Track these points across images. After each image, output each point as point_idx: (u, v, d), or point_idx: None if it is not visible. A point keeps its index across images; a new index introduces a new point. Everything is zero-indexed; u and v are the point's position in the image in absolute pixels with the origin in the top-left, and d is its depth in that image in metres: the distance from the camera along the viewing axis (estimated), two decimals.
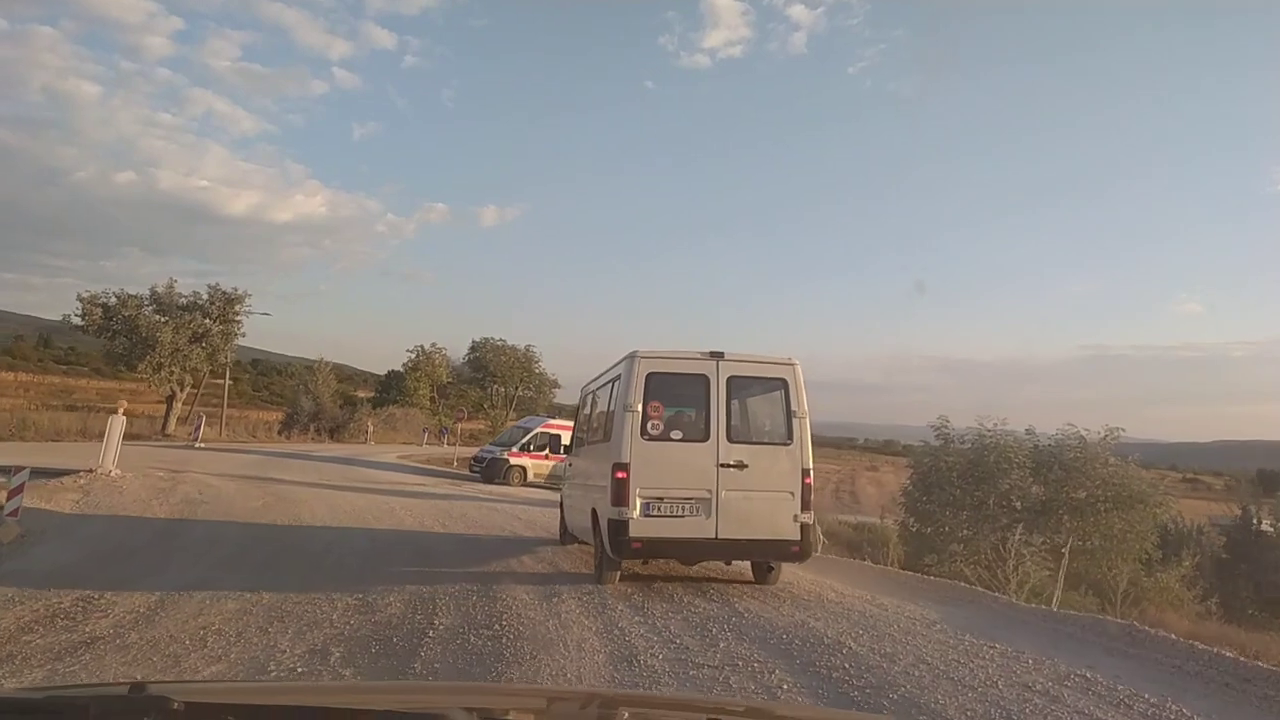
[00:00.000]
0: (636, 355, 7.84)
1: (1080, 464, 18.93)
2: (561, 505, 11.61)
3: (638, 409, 7.65)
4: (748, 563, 8.54)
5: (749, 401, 8.42)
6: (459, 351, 59.24)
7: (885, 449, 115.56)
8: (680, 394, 8.04)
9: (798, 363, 8.08)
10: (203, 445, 28.96)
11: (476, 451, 28.11)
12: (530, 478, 24.90)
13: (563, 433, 23.49)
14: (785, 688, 4.93)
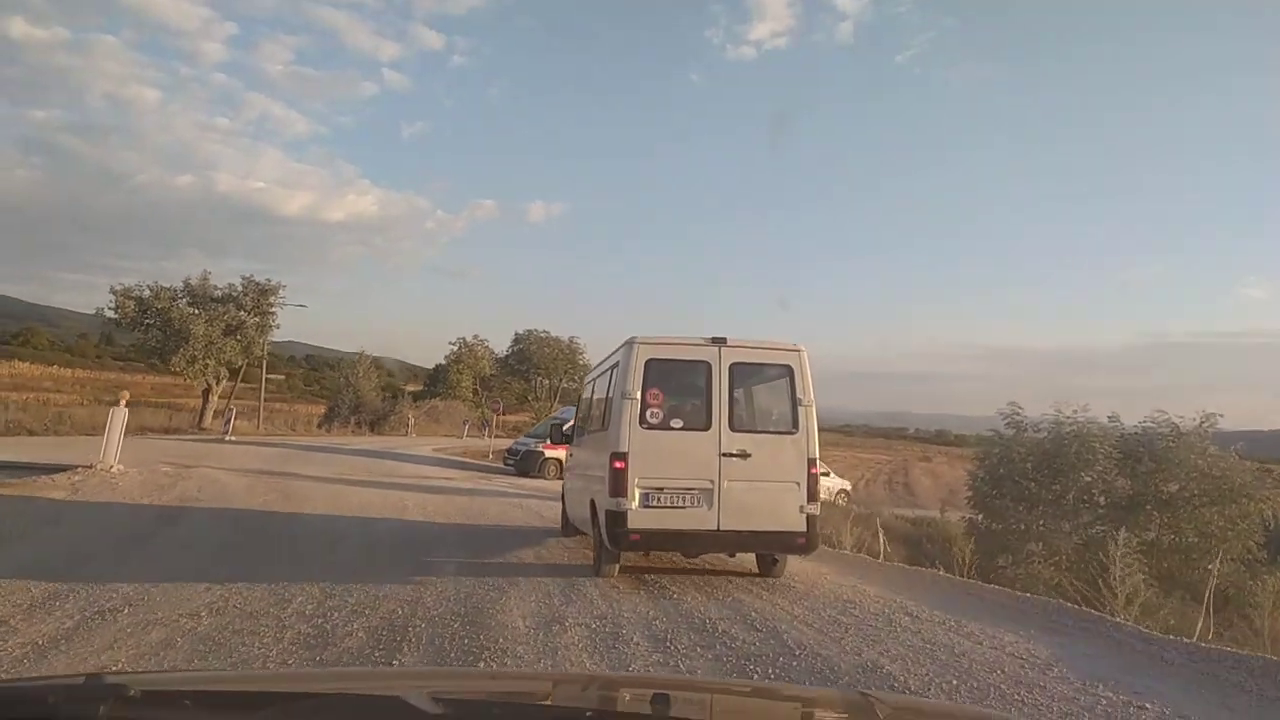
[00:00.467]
0: (635, 341, 7.59)
1: (1173, 454, 16.89)
2: (564, 496, 11.26)
3: (636, 396, 7.41)
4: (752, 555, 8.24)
5: (753, 389, 8.18)
6: (504, 343, 58.80)
7: (937, 439, 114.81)
8: (681, 381, 7.81)
9: (803, 349, 7.81)
10: (233, 439, 28.28)
11: (511, 444, 26.82)
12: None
13: None
14: None
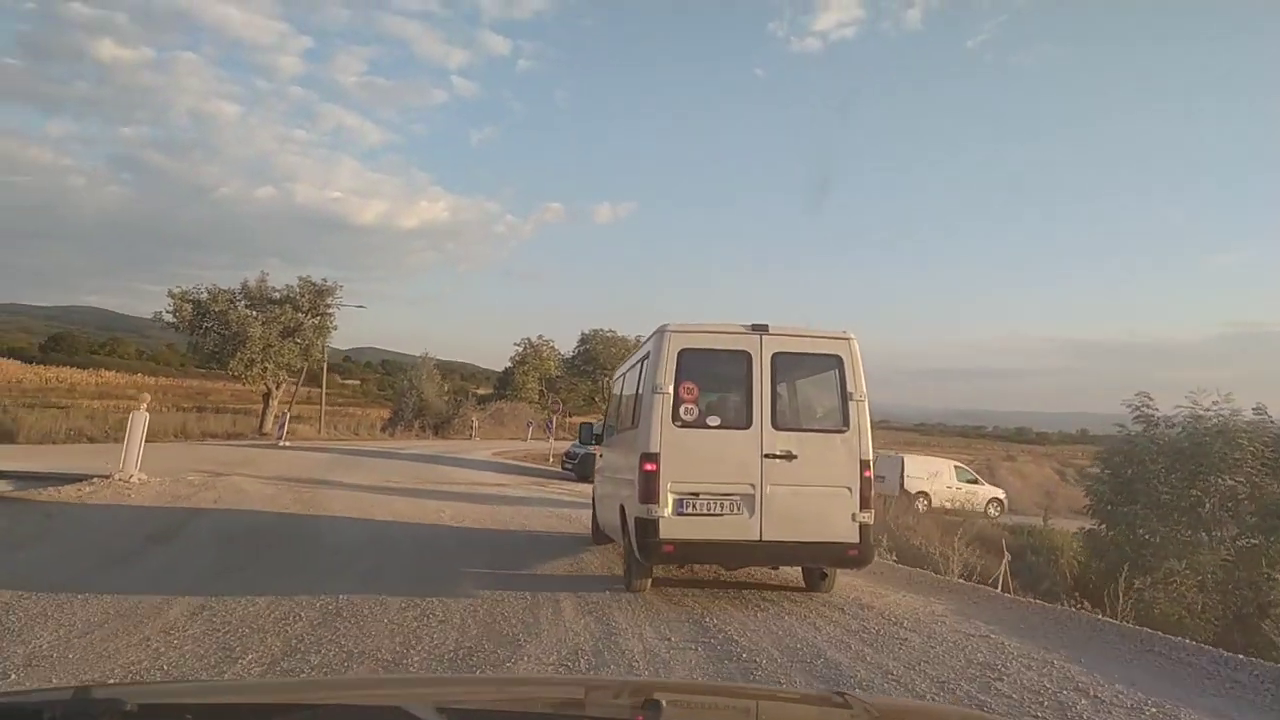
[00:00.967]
0: (666, 329, 6.91)
1: None
2: (593, 500, 10.41)
3: (668, 391, 6.72)
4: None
5: (798, 383, 7.56)
6: (571, 344, 58.33)
7: (1017, 437, 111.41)
8: (718, 374, 7.06)
9: (853, 336, 7.06)
10: (287, 444, 27.47)
11: (569, 447, 25.18)
12: None
13: None
14: None
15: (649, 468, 6.58)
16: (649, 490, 6.55)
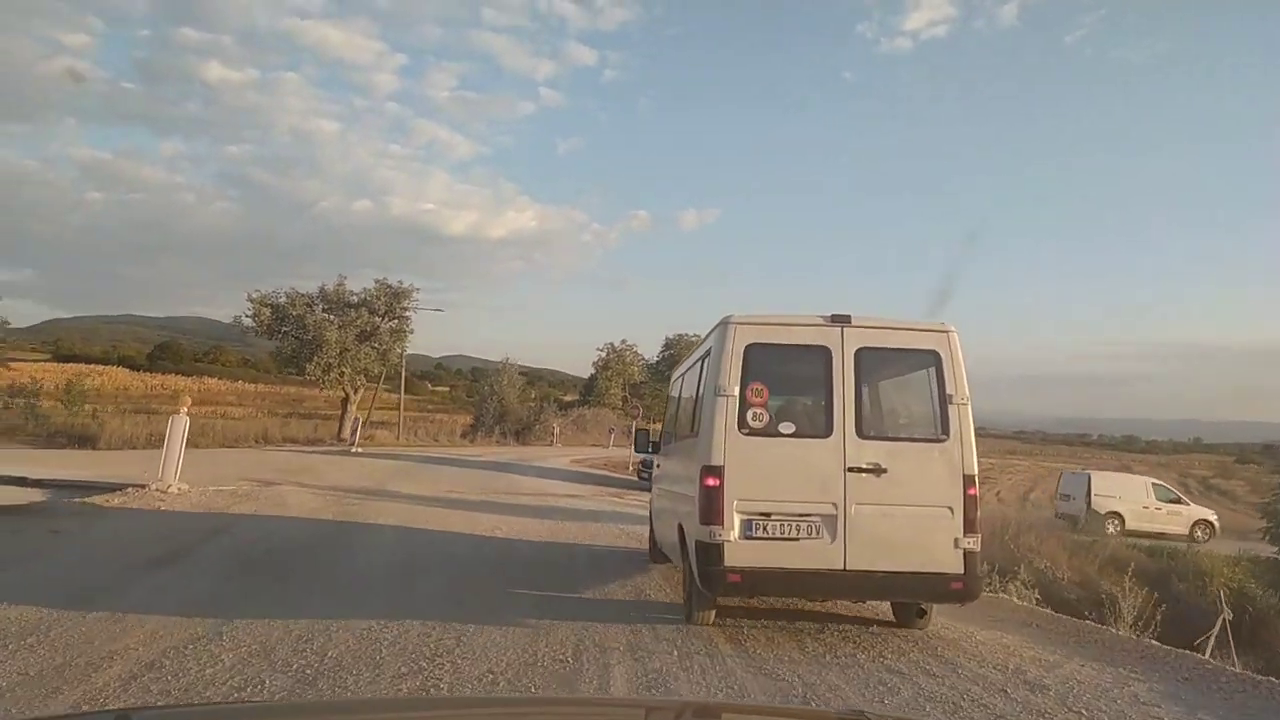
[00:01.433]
0: (730, 321, 6.08)
1: None
2: (650, 514, 9.35)
3: (734, 393, 5.88)
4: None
5: (887, 383, 6.76)
6: (655, 349, 57.45)
7: (1125, 445, 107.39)
8: (792, 373, 6.33)
9: (954, 329, 6.10)
10: (359, 450, 26.81)
11: (644, 456, 23.59)
12: None
13: None
14: None
15: (711, 482, 5.78)
16: (711, 509, 5.74)
